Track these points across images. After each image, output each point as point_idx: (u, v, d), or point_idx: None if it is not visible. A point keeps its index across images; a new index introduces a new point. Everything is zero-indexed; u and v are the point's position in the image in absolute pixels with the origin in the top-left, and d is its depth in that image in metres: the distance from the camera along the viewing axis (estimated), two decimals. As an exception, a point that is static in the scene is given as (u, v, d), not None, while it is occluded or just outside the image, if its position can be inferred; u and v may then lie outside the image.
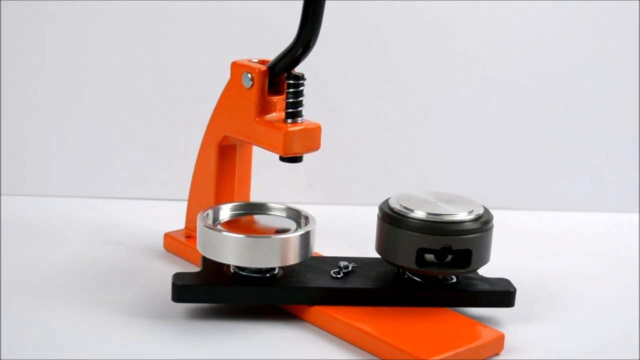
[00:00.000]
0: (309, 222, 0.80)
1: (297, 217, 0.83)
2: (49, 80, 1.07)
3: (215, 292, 0.77)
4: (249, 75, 0.81)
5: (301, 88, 0.81)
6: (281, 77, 0.82)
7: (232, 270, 0.79)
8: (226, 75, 0.84)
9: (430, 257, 0.77)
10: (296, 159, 0.81)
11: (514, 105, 1.12)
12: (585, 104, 1.13)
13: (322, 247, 0.87)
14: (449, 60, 1.11)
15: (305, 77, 0.81)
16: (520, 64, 1.11)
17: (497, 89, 1.12)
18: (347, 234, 0.99)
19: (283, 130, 0.80)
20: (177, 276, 0.77)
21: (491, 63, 1.11)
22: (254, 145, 0.84)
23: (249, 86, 0.82)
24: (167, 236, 0.93)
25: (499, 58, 1.11)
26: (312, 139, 0.81)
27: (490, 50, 1.11)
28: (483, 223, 0.78)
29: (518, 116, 1.13)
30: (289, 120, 0.81)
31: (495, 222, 0.79)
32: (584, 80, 1.12)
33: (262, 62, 0.83)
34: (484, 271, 0.82)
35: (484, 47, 1.11)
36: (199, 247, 0.79)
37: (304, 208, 0.83)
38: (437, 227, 0.76)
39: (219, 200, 0.88)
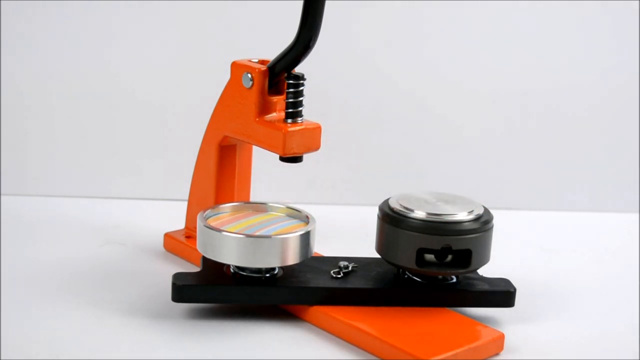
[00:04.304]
0: (309, 222, 0.80)
1: (297, 217, 0.83)
2: (49, 80, 1.07)
3: (215, 292, 0.77)
4: (249, 75, 0.81)
5: (301, 88, 0.81)
6: (281, 77, 0.82)
7: (232, 270, 0.79)
8: (226, 76, 0.84)
9: (430, 257, 0.77)
10: (296, 159, 0.81)
11: (515, 105, 1.12)
12: (585, 104, 1.13)
13: (322, 247, 0.87)
14: (449, 59, 1.11)
15: (305, 77, 0.81)
16: (520, 64, 1.11)
17: (497, 89, 1.12)
18: (347, 234, 0.99)
19: (283, 130, 0.80)
20: (177, 276, 0.77)
21: (492, 62, 1.11)
22: (254, 145, 0.84)
23: (249, 86, 0.82)
24: (167, 236, 0.93)
25: (499, 58, 1.11)
26: (312, 139, 0.81)
27: (491, 49, 1.11)
28: (483, 223, 0.78)
29: (518, 116, 1.13)
30: (289, 120, 0.81)
31: (495, 222, 0.79)
32: (584, 80, 1.12)
33: (262, 62, 0.83)
34: (484, 271, 0.82)
35: (484, 46, 1.11)
36: (199, 247, 0.79)
37: (304, 208, 0.83)
38: (437, 227, 0.76)
39: (219, 200, 0.88)
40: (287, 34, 0.80)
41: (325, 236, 0.89)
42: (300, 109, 0.81)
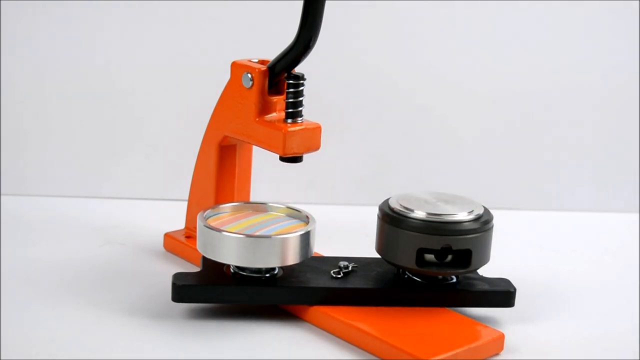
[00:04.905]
0: (309, 222, 0.80)
1: (297, 217, 0.83)
2: (49, 80, 1.07)
3: (215, 292, 0.77)
4: (249, 75, 0.81)
5: (301, 88, 0.81)
6: (281, 77, 0.82)
7: (232, 270, 0.79)
8: (226, 76, 0.84)
9: (430, 257, 0.77)
10: (296, 159, 0.81)
11: (515, 105, 1.12)
12: (585, 104, 1.13)
13: (322, 247, 0.87)
14: (449, 60, 1.11)
15: (305, 77, 0.81)
16: (520, 64, 1.12)
17: (497, 89, 1.12)
18: (347, 234, 0.99)
19: (283, 130, 0.80)
20: (177, 276, 0.77)
21: (492, 63, 1.11)
22: (254, 145, 0.84)
23: (249, 86, 0.82)
24: (167, 236, 0.93)
25: (499, 58, 1.11)
26: (312, 139, 0.81)
27: (491, 50, 1.11)
28: (483, 223, 0.78)
29: (518, 116, 1.13)
30: (289, 120, 0.81)
31: (495, 222, 0.79)
32: (584, 80, 1.12)
33: (262, 62, 0.83)
34: (484, 271, 0.82)
35: (484, 47, 1.11)
36: (199, 247, 0.79)
37: (304, 208, 0.83)
38: (437, 227, 0.76)
39: (219, 200, 0.88)
40: (287, 34, 0.80)
41: (325, 236, 0.89)
42: (300, 109, 0.81)
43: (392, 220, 0.78)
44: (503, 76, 1.12)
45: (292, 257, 0.77)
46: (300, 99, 0.81)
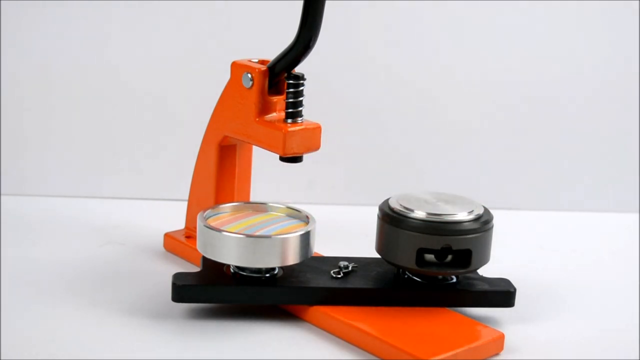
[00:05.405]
0: (309, 222, 0.80)
1: (297, 217, 0.83)
2: (49, 80, 1.07)
3: (215, 292, 0.77)
4: (249, 75, 0.81)
5: (301, 88, 0.81)
6: (281, 77, 0.82)
7: (232, 270, 0.79)
8: (226, 76, 0.84)
9: (430, 257, 0.77)
10: (296, 159, 0.81)
11: (514, 105, 1.12)
12: (585, 104, 1.13)
13: (322, 247, 0.87)
14: (449, 60, 1.11)
15: (305, 77, 0.81)
16: (521, 65, 1.11)
17: (498, 89, 1.12)
18: (347, 234, 0.99)
19: (283, 130, 0.80)
20: (177, 276, 0.77)
21: (492, 63, 1.11)
22: (254, 145, 0.84)
23: (249, 86, 0.82)
24: (167, 236, 0.93)
25: (500, 58, 1.11)
26: (312, 139, 0.81)
27: (492, 50, 1.11)
28: (483, 223, 0.78)
29: (518, 116, 1.13)
30: (289, 120, 0.81)
31: (495, 222, 0.79)
32: (583, 80, 1.12)
33: (262, 62, 0.83)
34: (484, 271, 0.82)
35: (485, 47, 1.11)
36: (199, 247, 0.79)
37: (304, 208, 0.83)
38: (437, 227, 0.76)
39: (219, 200, 0.88)
40: (287, 34, 0.80)
41: (325, 236, 0.89)
42: (300, 109, 0.81)
43: (392, 220, 0.78)
44: (503, 77, 1.12)
45: (292, 257, 0.77)
46: (300, 99, 0.81)
